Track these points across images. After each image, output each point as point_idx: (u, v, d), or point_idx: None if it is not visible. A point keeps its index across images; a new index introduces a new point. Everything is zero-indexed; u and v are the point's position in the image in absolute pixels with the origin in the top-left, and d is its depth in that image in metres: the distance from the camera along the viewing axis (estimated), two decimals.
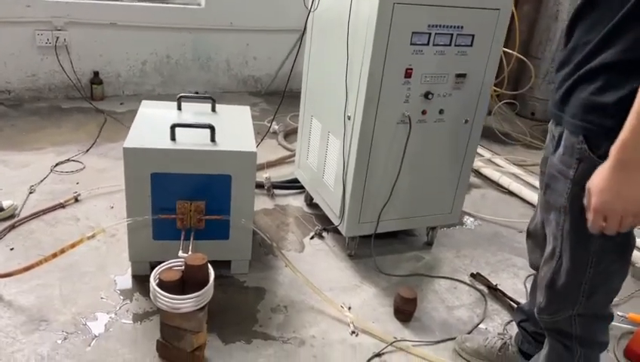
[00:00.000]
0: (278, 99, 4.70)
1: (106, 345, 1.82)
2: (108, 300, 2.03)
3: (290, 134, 3.85)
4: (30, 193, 2.70)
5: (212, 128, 2.05)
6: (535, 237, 1.65)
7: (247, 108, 2.53)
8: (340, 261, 2.44)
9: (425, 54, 2.12)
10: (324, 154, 2.51)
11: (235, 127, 2.27)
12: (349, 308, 2.12)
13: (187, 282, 1.69)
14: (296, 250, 2.49)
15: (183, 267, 1.73)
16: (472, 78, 2.25)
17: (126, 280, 2.14)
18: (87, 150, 3.26)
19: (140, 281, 2.14)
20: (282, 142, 3.65)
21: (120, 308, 2.00)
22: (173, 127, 2.03)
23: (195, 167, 2.02)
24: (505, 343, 1.87)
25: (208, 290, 1.69)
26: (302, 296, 2.17)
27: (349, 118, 2.22)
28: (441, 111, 2.26)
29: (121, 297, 2.05)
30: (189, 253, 1.90)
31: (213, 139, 2.06)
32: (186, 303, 1.63)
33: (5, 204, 2.47)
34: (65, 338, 1.83)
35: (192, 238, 2.03)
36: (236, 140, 2.13)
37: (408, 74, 2.13)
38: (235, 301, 2.10)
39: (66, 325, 1.89)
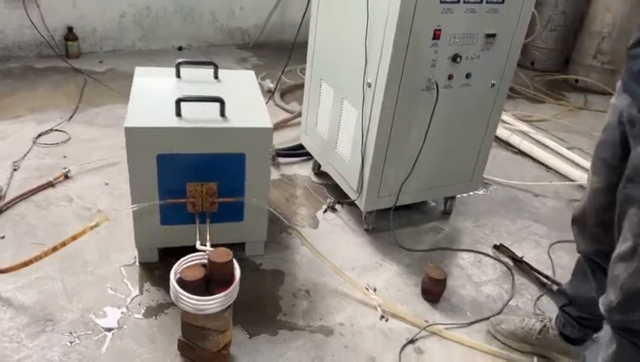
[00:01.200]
0: (268, 52, 4.47)
1: (121, 345, 1.68)
2: (116, 293, 1.87)
3: (287, 93, 3.61)
4: (14, 170, 2.46)
5: (222, 101, 1.84)
6: (583, 225, 1.55)
7: (252, 73, 2.31)
8: (357, 236, 2.30)
9: (455, 13, 1.92)
10: (337, 122, 2.32)
11: (244, 98, 2.06)
12: (375, 290, 2.00)
13: (211, 280, 1.54)
14: (310, 225, 2.34)
15: (206, 262, 1.57)
16: (501, 38, 2.07)
17: (133, 269, 1.97)
18: (71, 117, 3.00)
19: (149, 269, 1.97)
20: (280, 102, 3.42)
21: (131, 301, 1.84)
22: (178, 102, 1.81)
23: (205, 146, 1.82)
24: (545, 326, 1.78)
25: (235, 288, 1.54)
26: (323, 277, 2.05)
27: (369, 86, 2.03)
28: (468, 75, 2.09)
29: (131, 289, 1.89)
30: (207, 243, 1.73)
31: (223, 114, 1.86)
32: (212, 304, 1.49)
33: None
34: (75, 340, 1.67)
35: (208, 224, 1.85)
36: (249, 114, 1.93)
37: (437, 35, 1.93)
38: (254, 287, 1.96)
39: (74, 324, 1.73)
